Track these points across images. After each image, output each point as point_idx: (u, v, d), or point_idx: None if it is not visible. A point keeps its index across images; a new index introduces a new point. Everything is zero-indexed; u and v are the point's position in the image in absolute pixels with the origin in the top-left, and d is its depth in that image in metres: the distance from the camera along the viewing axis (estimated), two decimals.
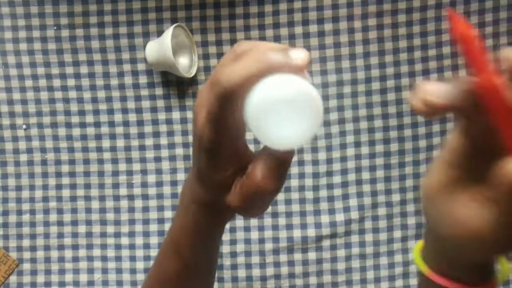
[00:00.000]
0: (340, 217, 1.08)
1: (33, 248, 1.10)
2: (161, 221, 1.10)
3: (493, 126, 0.22)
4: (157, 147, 1.10)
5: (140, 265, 1.09)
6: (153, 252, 1.10)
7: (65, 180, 1.10)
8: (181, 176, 1.10)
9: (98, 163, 1.10)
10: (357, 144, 1.09)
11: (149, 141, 1.10)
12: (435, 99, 0.23)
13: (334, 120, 1.08)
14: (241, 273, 1.09)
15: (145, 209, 1.10)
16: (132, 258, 1.10)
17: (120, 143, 1.10)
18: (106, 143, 1.10)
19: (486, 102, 0.21)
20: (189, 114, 1.08)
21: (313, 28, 1.08)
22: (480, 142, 0.25)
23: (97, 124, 1.10)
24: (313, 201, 1.09)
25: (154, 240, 1.10)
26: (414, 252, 0.33)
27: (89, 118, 1.10)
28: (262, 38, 1.09)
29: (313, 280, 1.08)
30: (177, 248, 0.35)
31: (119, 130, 1.10)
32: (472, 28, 0.21)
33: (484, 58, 0.21)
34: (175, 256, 0.35)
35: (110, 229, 1.10)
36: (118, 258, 1.10)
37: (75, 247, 1.10)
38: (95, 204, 1.10)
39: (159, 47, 1.01)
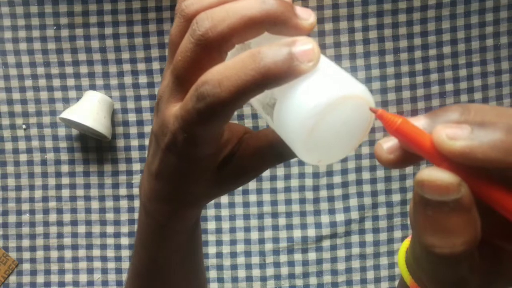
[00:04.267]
0: (340, 217, 1.08)
1: (32, 248, 1.10)
2: None
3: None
4: None
5: None
6: None
7: (65, 180, 1.10)
8: None
9: (98, 163, 1.10)
10: None
11: (148, 141, 1.10)
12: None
13: None
14: (241, 273, 1.09)
15: None
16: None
17: (120, 143, 1.10)
18: (105, 143, 1.10)
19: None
20: None
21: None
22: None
23: None
24: (313, 201, 1.08)
25: None
26: (399, 255, 0.30)
27: None
28: None
29: (313, 280, 1.08)
30: (144, 243, 0.34)
31: (119, 130, 1.10)
32: (401, 119, 0.20)
33: (430, 145, 0.19)
34: (143, 251, 0.34)
35: (110, 229, 1.10)
36: (118, 258, 1.09)
37: (74, 247, 1.10)
38: (94, 204, 1.10)
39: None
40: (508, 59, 1.08)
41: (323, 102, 0.21)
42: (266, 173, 1.09)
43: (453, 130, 0.18)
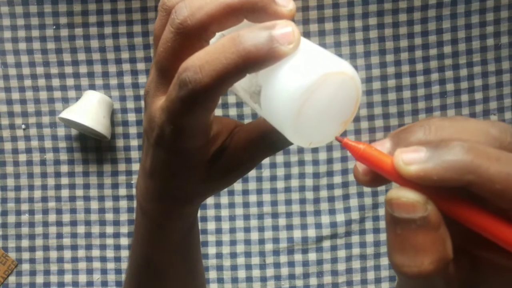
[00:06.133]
0: (340, 217, 1.08)
1: (32, 249, 1.09)
2: None
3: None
4: None
5: None
6: None
7: (64, 180, 1.10)
8: None
9: (97, 163, 1.10)
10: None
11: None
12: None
13: None
14: (241, 274, 1.08)
15: None
16: None
17: (120, 143, 1.09)
18: (105, 143, 1.09)
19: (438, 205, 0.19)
20: None
21: (314, 27, 1.07)
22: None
23: None
24: (313, 201, 1.08)
25: None
26: None
27: None
28: None
29: (313, 281, 1.08)
30: (140, 242, 0.34)
31: (119, 130, 1.09)
32: (365, 147, 0.20)
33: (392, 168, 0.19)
34: (139, 251, 0.34)
35: (109, 229, 1.09)
36: (117, 259, 1.09)
37: (74, 247, 1.09)
38: (94, 205, 1.10)
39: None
40: (508, 59, 1.08)
41: (306, 82, 0.21)
42: (266, 173, 1.08)
43: (409, 155, 0.19)
